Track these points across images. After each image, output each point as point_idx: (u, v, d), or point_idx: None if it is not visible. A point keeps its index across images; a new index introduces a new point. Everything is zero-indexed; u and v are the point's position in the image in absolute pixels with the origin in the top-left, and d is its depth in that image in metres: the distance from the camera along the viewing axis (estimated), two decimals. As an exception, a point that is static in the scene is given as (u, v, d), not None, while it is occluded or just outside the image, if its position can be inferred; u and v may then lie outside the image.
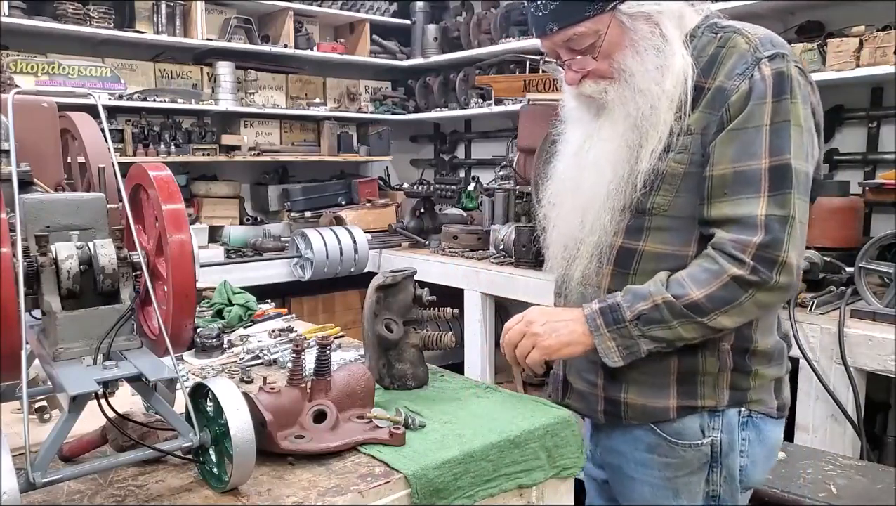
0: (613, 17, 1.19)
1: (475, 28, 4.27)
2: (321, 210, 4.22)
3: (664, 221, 1.23)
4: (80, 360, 0.94)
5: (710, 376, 1.25)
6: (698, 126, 1.18)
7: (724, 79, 1.16)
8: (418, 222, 3.97)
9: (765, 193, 1.13)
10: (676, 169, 1.20)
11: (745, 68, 1.15)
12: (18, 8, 3.34)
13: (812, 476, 1.69)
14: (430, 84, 4.66)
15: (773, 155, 1.13)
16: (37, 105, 1.34)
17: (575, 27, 1.20)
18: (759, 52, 1.15)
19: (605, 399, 1.32)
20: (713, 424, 1.27)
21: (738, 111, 1.14)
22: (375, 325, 1.37)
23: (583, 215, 1.30)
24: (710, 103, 1.17)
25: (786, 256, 1.13)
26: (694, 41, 1.22)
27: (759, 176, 1.14)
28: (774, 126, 1.13)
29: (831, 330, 2.07)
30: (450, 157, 4.99)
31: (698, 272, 1.18)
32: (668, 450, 1.28)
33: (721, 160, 1.16)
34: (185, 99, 3.85)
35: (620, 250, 1.27)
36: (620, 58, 1.21)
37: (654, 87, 1.19)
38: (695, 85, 1.18)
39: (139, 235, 1.04)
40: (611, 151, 1.25)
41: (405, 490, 1.03)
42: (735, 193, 1.15)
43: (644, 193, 1.22)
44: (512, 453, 1.15)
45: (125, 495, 0.96)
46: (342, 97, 4.69)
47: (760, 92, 1.13)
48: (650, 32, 1.19)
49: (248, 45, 4.03)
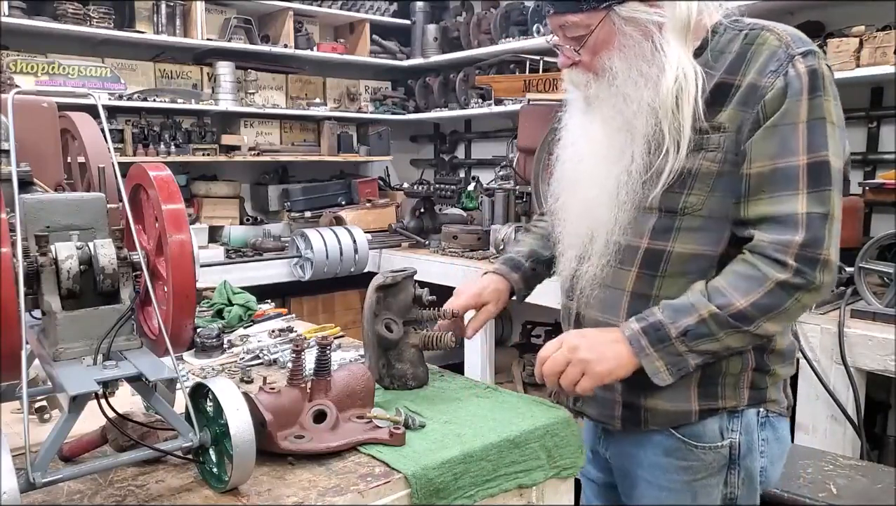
0: (607, 16, 1.19)
1: (475, 28, 4.28)
2: (321, 210, 4.22)
3: (696, 221, 1.20)
4: (80, 360, 0.94)
5: (732, 377, 1.24)
6: (732, 124, 1.16)
7: (757, 76, 1.14)
8: (418, 222, 3.97)
9: (804, 190, 1.11)
10: (710, 168, 1.17)
11: (778, 65, 1.13)
12: (18, 8, 3.34)
13: (812, 476, 1.69)
14: (430, 84, 4.66)
15: (811, 152, 1.11)
16: (37, 105, 1.34)
17: (568, 15, 1.21)
18: (791, 48, 1.13)
19: (624, 405, 1.29)
20: (732, 425, 1.25)
21: (774, 108, 1.13)
22: (375, 325, 1.37)
23: (585, 214, 1.29)
24: (742, 100, 1.15)
25: (827, 253, 1.12)
26: (715, 37, 1.21)
27: (798, 173, 1.12)
28: (811, 123, 1.12)
29: (831, 330, 2.07)
30: (450, 157, 4.99)
31: (738, 280, 1.15)
32: (687, 453, 1.26)
33: (758, 158, 1.14)
34: (185, 99, 3.85)
35: (647, 252, 1.24)
36: (606, 57, 1.21)
37: (638, 95, 1.19)
38: (722, 83, 1.17)
39: (139, 235, 1.04)
40: (601, 152, 1.25)
41: (405, 490, 1.03)
42: (773, 191, 1.13)
43: (674, 193, 1.20)
44: (512, 453, 1.15)
45: (125, 495, 0.96)
46: (342, 97, 4.69)
47: (796, 89, 1.12)
48: (642, 41, 1.18)
49: (248, 45, 4.03)
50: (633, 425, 1.29)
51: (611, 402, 1.30)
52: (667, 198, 1.20)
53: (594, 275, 1.29)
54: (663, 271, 1.23)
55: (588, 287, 1.31)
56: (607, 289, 1.28)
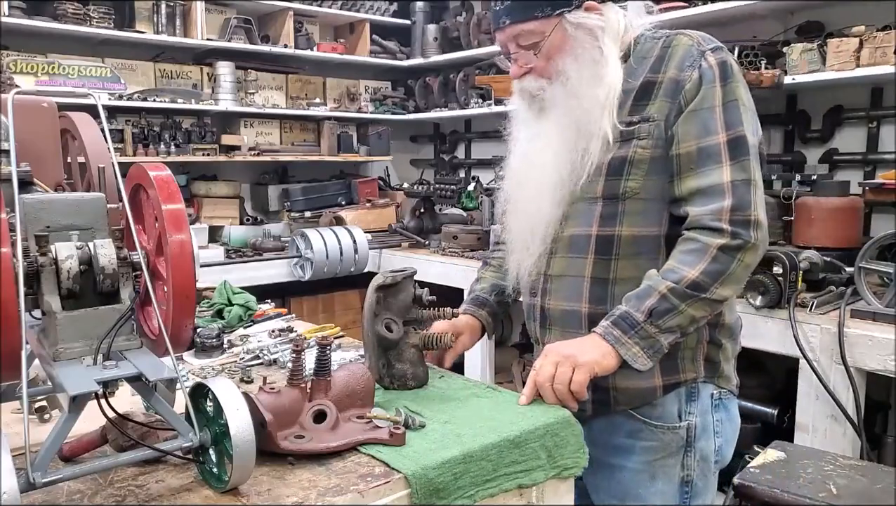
0: (559, 23, 1.33)
1: (475, 28, 4.27)
2: (321, 210, 4.22)
3: (636, 204, 1.34)
4: (80, 360, 0.93)
5: (689, 351, 1.37)
6: (660, 114, 1.31)
7: (676, 71, 1.30)
8: (418, 222, 3.98)
9: (726, 162, 1.27)
10: (643, 155, 1.32)
11: (692, 60, 1.30)
12: (18, 8, 3.34)
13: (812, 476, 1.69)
14: (430, 84, 4.66)
15: (728, 129, 1.27)
16: (37, 105, 1.33)
17: (523, 24, 1.34)
18: (702, 45, 1.31)
19: (594, 389, 1.35)
20: (689, 408, 1.38)
21: (692, 96, 1.29)
22: (375, 325, 1.37)
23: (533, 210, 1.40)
24: (666, 93, 1.31)
25: (756, 214, 1.26)
26: (637, 47, 1.37)
27: (719, 149, 1.27)
28: (726, 105, 1.28)
29: (831, 330, 2.07)
30: (450, 157, 4.99)
31: (685, 255, 1.28)
32: (649, 434, 1.38)
33: (684, 140, 1.29)
34: (185, 99, 3.85)
35: (598, 239, 1.36)
36: (560, 61, 1.34)
37: (588, 93, 1.32)
38: (648, 81, 1.32)
39: (139, 235, 1.04)
40: (554, 150, 1.36)
41: (405, 490, 1.03)
42: (700, 167, 1.28)
43: (614, 181, 1.33)
44: (512, 453, 1.15)
45: (125, 495, 0.96)
46: (342, 97, 4.69)
47: (710, 78, 1.28)
48: (590, 44, 1.33)
49: (248, 45, 4.03)
50: (604, 407, 1.39)
51: None
52: (608, 186, 1.34)
53: (551, 268, 1.41)
54: (616, 254, 1.36)
55: (547, 280, 1.42)
56: (566, 278, 1.40)
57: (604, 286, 1.36)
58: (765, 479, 1.55)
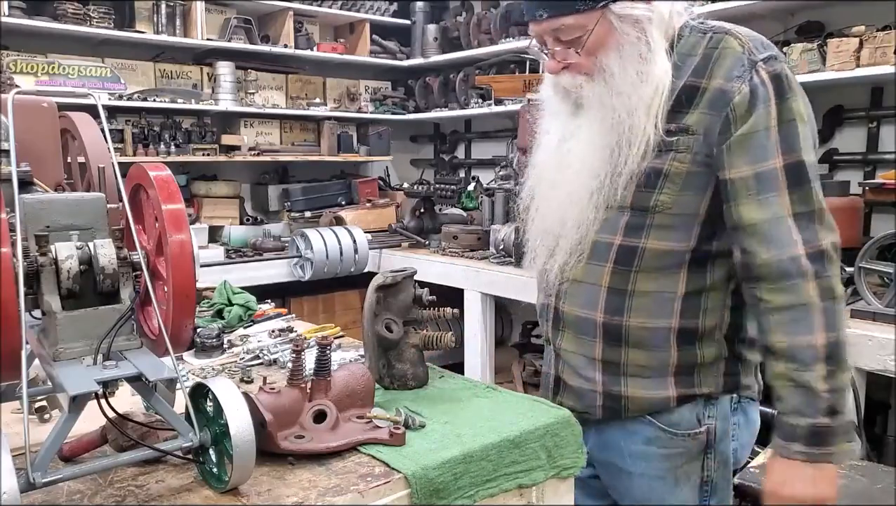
0: (603, 16, 1.20)
1: (475, 28, 4.27)
2: (321, 210, 4.22)
3: (667, 218, 1.25)
4: (80, 360, 0.93)
5: (707, 366, 1.30)
6: (700, 127, 1.20)
7: (723, 80, 1.18)
8: (418, 222, 3.97)
9: (785, 191, 1.16)
10: (680, 168, 1.22)
11: (742, 71, 1.17)
12: (18, 8, 3.34)
13: (812, 476, 1.68)
14: (430, 84, 4.66)
15: (785, 154, 1.16)
16: (37, 105, 1.33)
17: (564, 18, 1.21)
18: (753, 55, 1.18)
19: (605, 394, 1.34)
20: (708, 412, 1.31)
21: (743, 114, 1.17)
22: (375, 325, 1.37)
23: (563, 212, 1.32)
24: (710, 104, 1.19)
25: (826, 241, 1.16)
26: (682, 40, 1.25)
27: (777, 174, 1.16)
28: (782, 126, 1.17)
29: (831, 330, 2.07)
30: (450, 157, 4.99)
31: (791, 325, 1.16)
32: (667, 441, 1.32)
33: (737, 164, 1.18)
34: (185, 99, 3.85)
35: (621, 249, 1.28)
36: (603, 57, 1.23)
37: (632, 92, 1.21)
38: (690, 85, 1.21)
39: (139, 235, 1.04)
40: (590, 152, 1.27)
41: (405, 490, 1.03)
42: (759, 193, 1.17)
43: (646, 192, 1.24)
44: (512, 453, 1.15)
45: (125, 495, 0.96)
46: (342, 97, 4.69)
47: (763, 96, 1.16)
48: (636, 38, 1.21)
49: (248, 45, 4.03)
50: (614, 413, 1.34)
51: (592, 393, 1.36)
52: (639, 197, 1.25)
53: (570, 272, 1.34)
54: (637, 267, 1.28)
55: (564, 283, 1.36)
56: (584, 285, 1.34)
57: (621, 297, 1.30)
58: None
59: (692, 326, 1.29)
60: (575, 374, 1.38)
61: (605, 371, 1.33)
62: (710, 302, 1.29)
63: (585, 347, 1.35)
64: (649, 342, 1.30)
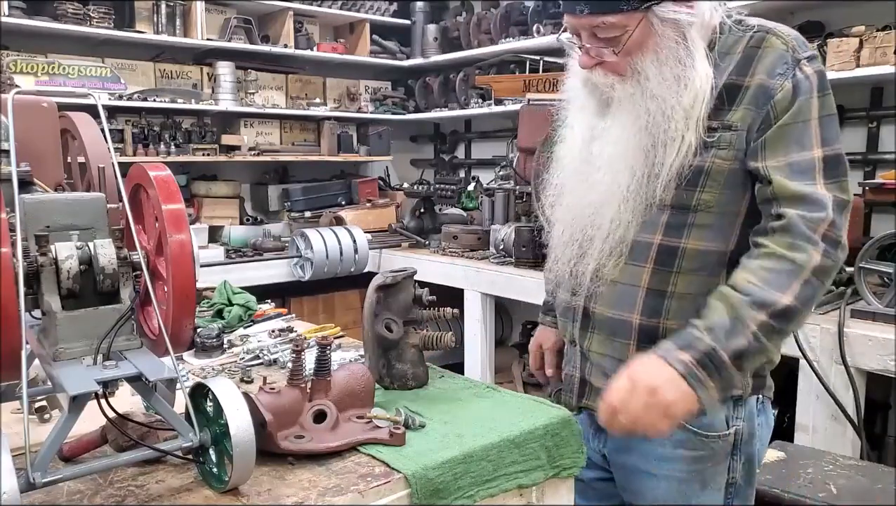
0: (645, 17, 1.19)
1: (475, 28, 4.27)
2: (321, 210, 4.22)
3: (708, 217, 1.24)
4: (80, 360, 0.93)
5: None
6: (743, 123, 1.20)
7: (766, 77, 1.18)
8: (418, 222, 3.98)
9: (823, 180, 1.16)
10: (722, 166, 1.21)
11: (785, 68, 1.18)
12: (18, 8, 3.34)
13: (812, 476, 1.69)
14: (430, 84, 4.66)
15: (826, 145, 1.17)
16: (37, 105, 1.33)
17: (606, 16, 1.19)
18: (797, 53, 1.19)
19: None
20: (737, 413, 1.30)
21: (784, 108, 1.17)
22: (375, 325, 1.37)
23: (597, 212, 1.29)
24: (752, 100, 1.19)
25: (844, 238, 1.16)
26: (722, 38, 1.24)
27: (815, 164, 1.17)
28: (823, 119, 1.18)
29: (831, 330, 2.07)
30: (450, 157, 4.99)
31: (770, 276, 1.14)
32: (697, 443, 1.30)
33: (775, 154, 1.18)
34: (185, 99, 3.85)
35: (661, 248, 1.26)
36: (639, 58, 1.22)
37: (668, 96, 1.20)
38: (731, 83, 1.20)
39: (139, 235, 1.04)
40: (623, 152, 1.25)
41: (405, 490, 1.03)
42: (797, 179, 1.16)
43: (687, 190, 1.23)
44: (512, 453, 1.15)
45: (125, 495, 0.96)
46: (342, 97, 4.69)
47: (806, 89, 1.17)
48: (675, 41, 1.20)
49: (248, 45, 4.03)
50: None
51: None
52: (680, 195, 1.23)
53: (604, 271, 1.30)
54: (678, 267, 1.26)
55: (597, 283, 1.31)
56: (619, 285, 1.30)
57: (660, 299, 1.27)
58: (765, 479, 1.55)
59: None
60: (603, 376, 1.33)
61: None
62: None
63: (617, 350, 1.32)
64: None
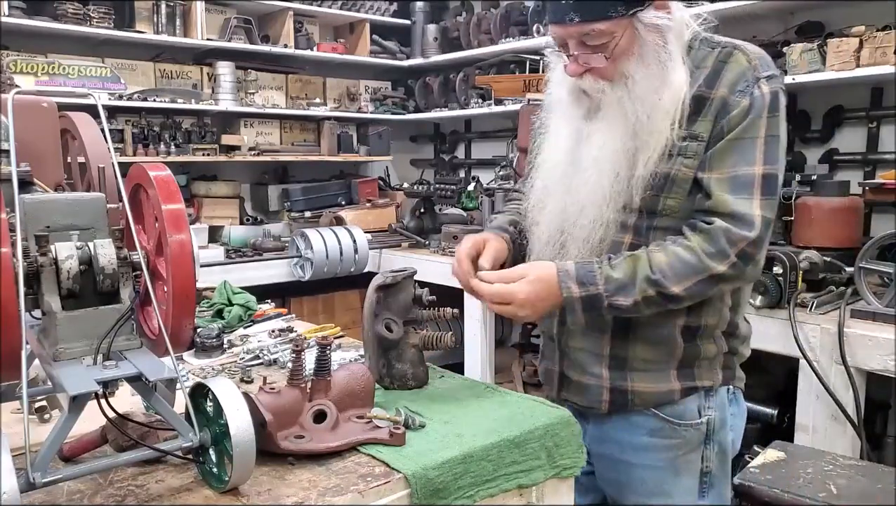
0: (631, 24, 1.25)
1: (475, 28, 4.27)
2: (321, 210, 4.22)
3: (671, 221, 1.31)
4: (80, 360, 0.94)
5: (707, 361, 1.38)
6: (706, 133, 1.27)
7: (728, 92, 1.26)
8: (418, 222, 3.97)
9: (757, 196, 1.24)
10: (687, 174, 1.28)
11: (745, 85, 1.25)
12: (18, 8, 3.33)
13: (812, 476, 1.69)
14: (430, 84, 4.66)
15: (765, 164, 1.25)
16: (37, 105, 1.34)
17: (595, 24, 1.24)
18: (758, 71, 1.26)
19: (611, 390, 1.38)
20: (709, 403, 1.39)
21: (737, 123, 1.25)
22: (375, 325, 1.37)
23: (579, 212, 1.34)
24: (715, 113, 1.27)
25: (762, 255, 1.27)
26: (692, 52, 1.31)
27: (754, 181, 1.24)
28: (768, 139, 1.26)
29: (831, 330, 2.07)
30: (450, 157, 4.99)
31: (679, 265, 1.25)
32: (671, 432, 1.38)
33: (720, 166, 1.26)
34: (185, 99, 3.85)
35: (631, 248, 1.33)
36: (626, 63, 1.27)
37: (652, 97, 1.26)
38: (700, 95, 1.27)
39: (139, 235, 1.04)
40: (611, 154, 1.30)
41: (405, 490, 1.03)
42: (734, 193, 1.25)
43: (654, 196, 1.29)
44: (512, 453, 1.15)
45: (125, 495, 0.96)
46: (342, 97, 4.69)
47: (759, 107, 1.25)
48: (657, 45, 1.26)
49: (248, 45, 4.03)
50: (620, 407, 1.39)
51: (598, 387, 1.40)
52: (648, 200, 1.30)
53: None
54: None
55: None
56: None
57: None
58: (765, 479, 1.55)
59: (696, 323, 1.34)
60: (581, 369, 1.42)
61: (612, 366, 1.38)
62: (713, 302, 1.34)
63: (593, 344, 1.39)
64: (657, 338, 1.35)
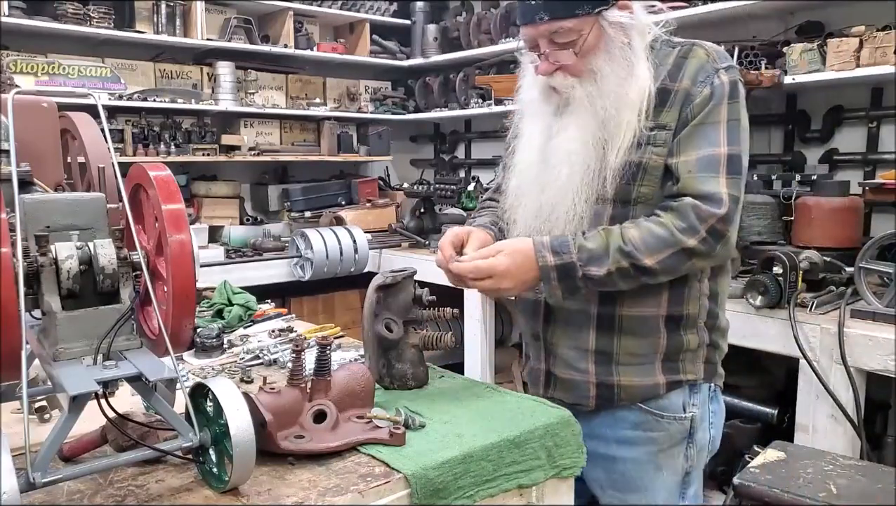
0: (597, 22, 1.32)
1: (475, 28, 4.27)
2: (321, 210, 4.22)
3: (646, 209, 1.35)
4: (80, 360, 0.94)
5: (691, 353, 1.42)
6: (673, 123, 1.34)
7: (690, 83, 1.33)
8: (418, 222, 3.97)
9: (723, 175, 1.30)
10: (658, 162, 1.34)
11: (705, 76, 1.33)
12: (18, 8, 3.33)
13: (812, 476, 1.69)
14: (430, 84, 4.66)
15: (729, 145, 1.31)
16: (37, 105, 1.33)
17: (563, 21, 1.31)
18: (716, 63, 1.34)
19: (598, 385, 1.41)
20: (693, 400, 1.42)
21: (700, 110, 1.32)
22: (375, 325, 1.37)
23: (553, 208, 1.38)
24: (679, 103, 1.34)
25: (732, 232, 1.30)
26: (654, 52, 1.38)
27: (719, 161, 1.30)
28: (729, 123, 1.32)
29: (831, 330, 2.07)
30: (450, 157, 4.99)
31: (651, 239, 1.29)
32: (655, 424, 1.41)
33: (687, 150, 1.32)
34: (185, 99, 3.85)
35: None
36: (594, 59, 1.34)
37: (619, 91, 1.33)
38: (664, 88, 1.34)
39: (139, 235, 1.04)
40: (581, 146, 1.35)
41: (405, 490, 1.03)
42: (700, 173, 1.31)
43: (627, 185, 1.34)
44: (512, 453, 1.15)
45: (125, 495, 0.96)
46: (342, 97, 4.69)
47: (720, 95, 1.32)
48: (622, 42, 1.34)
49: (248, 45, 4.03)
50: (607, 402, 1.42)
51: (585, 383, 1.43)
52: (621, 190, 1.35)
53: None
54: None
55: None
56: None
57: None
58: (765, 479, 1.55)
59: (678, 313, 1.39)
60: (567, 366, 1.44)
61: (598, 362, 1.41)
62: (692, 290, 1.39)
63: (578, 339, 1.42)
64: (641, 330, 1.38)
